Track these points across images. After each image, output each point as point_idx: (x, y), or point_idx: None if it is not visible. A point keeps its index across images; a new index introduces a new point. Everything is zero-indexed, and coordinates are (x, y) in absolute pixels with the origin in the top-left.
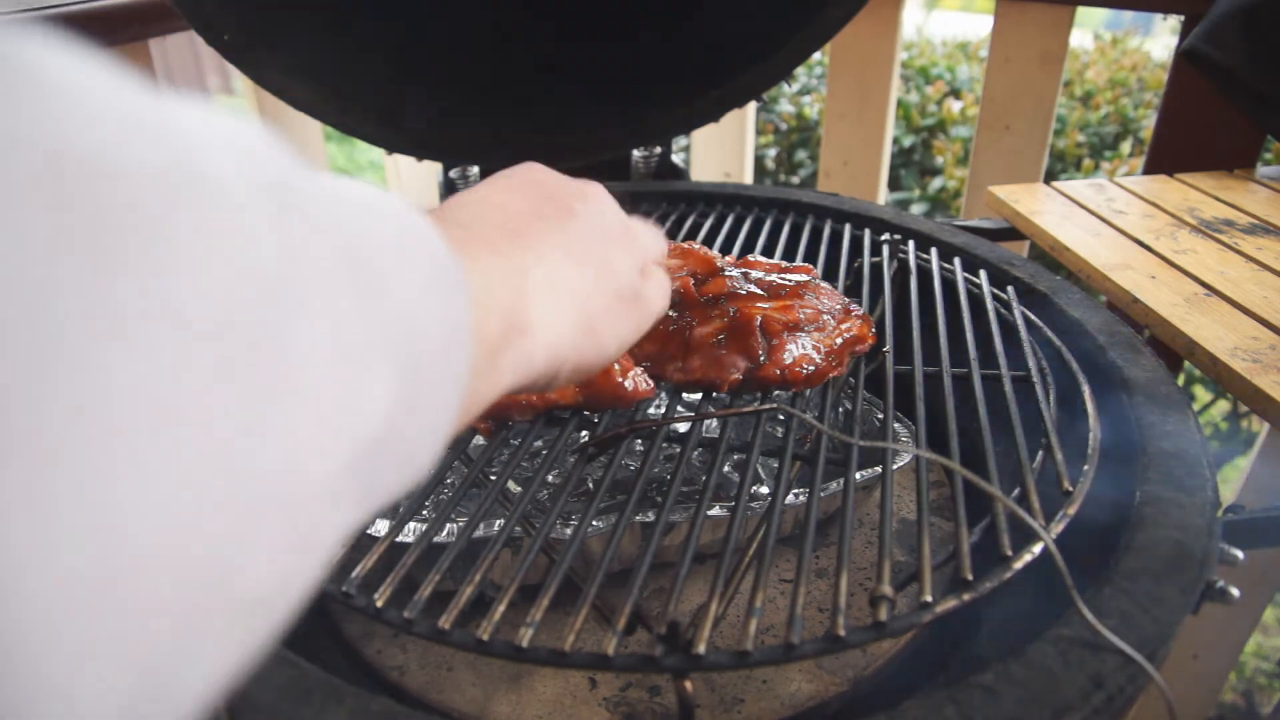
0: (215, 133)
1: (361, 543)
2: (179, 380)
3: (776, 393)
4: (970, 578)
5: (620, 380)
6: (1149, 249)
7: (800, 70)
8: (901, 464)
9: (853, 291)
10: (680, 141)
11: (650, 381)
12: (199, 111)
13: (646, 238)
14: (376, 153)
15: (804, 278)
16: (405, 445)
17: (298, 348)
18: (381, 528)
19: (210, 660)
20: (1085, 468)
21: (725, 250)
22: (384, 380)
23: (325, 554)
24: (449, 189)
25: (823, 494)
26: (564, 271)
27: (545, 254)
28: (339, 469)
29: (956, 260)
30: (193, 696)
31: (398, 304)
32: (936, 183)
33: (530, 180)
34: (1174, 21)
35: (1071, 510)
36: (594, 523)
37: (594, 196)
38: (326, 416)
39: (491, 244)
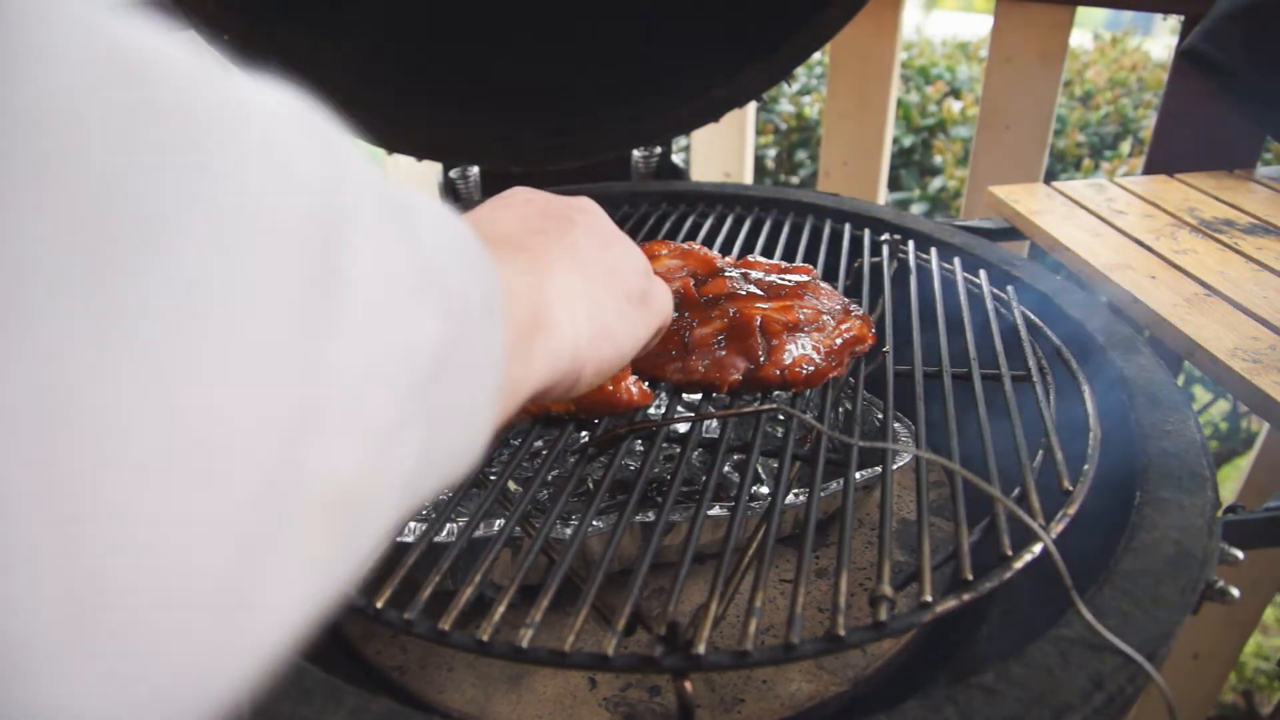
0: (261, 89)
1: None
2: (248, 270)
3: (776, 393)
4: (970, 578)
5: (614, 389)
6: (1149, 249)
7: (800, 70)
8: (901, 464)
9: (853, 291)
10: (680, 141)
11: (647, 389)
12: (261, 81)
13: (635, 248)
14: (376, 153)
15: (804, 278)
16: (461, 396)
17: (348, 264)
18: None
19: (291, 566)
20: (1085, 468)
21: (725, 250)
22: (431, 318)
23: (400, 479)
24: (449, 189)
25: (823, 494)
26: (574, 277)
27: (554, 261)
28: (401, 391)
29: (956, 260)
30: (283, 603)
31: (436, 257)
32: (936, 183)
33: (524, 200)
34: (1174, 21)
35: (1071, 510)
36: (594, 523)
37: (588, 209)
38: (380, 336)
39: (505, 250)
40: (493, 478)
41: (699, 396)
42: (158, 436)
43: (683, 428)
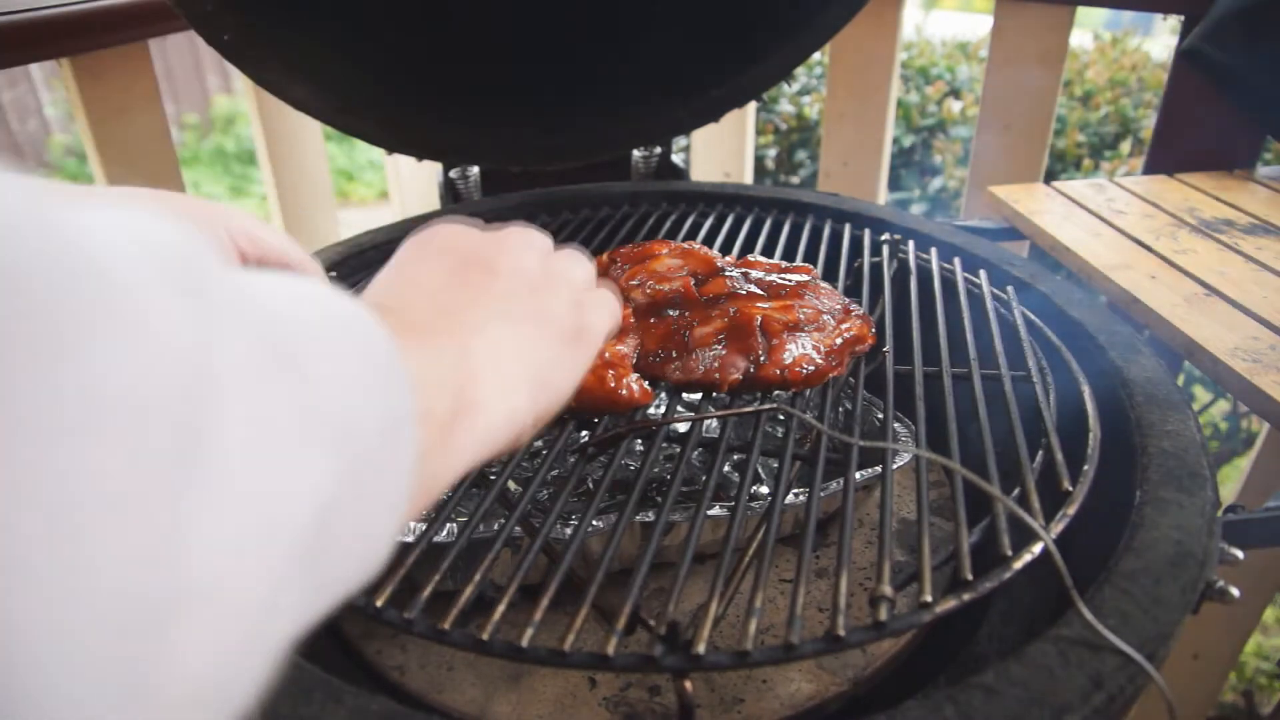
0: (121, 229)
1: None
2: (90, 471)
3: (776, 393)
4: (970, 578)
5: (614, 387)
6: (1149, 249)
7: (800, 70)
8: (901, 464)
9: (853, 291)
10: (680, 141)
11: (648, 387)
12: (106, 210)
13: (572, 268)
14: (376, 153)
15: (804, 278)
16: (354, 533)
17: (217, 434)
18: None
19: None
20: (1085, 468)
21: (725, 250)
22: (317, 467)
23: (274, 648)
24: (449, 189)
25: (823, 494)
26: (504, 336)
27: (482, 325)
28: (279, 559)
29: (956, 260)
30: None
31: (328, 390)
32: (936, 183)
33: (442, 248)
34: (1174, 21)
35: (1071, 510)
36: (594, 523)
37: (510, 244)
38: (254, 505)
39: (428, 326)
40: (493, 478)
41: (699, 396)
42: None
43: (683, 427)
